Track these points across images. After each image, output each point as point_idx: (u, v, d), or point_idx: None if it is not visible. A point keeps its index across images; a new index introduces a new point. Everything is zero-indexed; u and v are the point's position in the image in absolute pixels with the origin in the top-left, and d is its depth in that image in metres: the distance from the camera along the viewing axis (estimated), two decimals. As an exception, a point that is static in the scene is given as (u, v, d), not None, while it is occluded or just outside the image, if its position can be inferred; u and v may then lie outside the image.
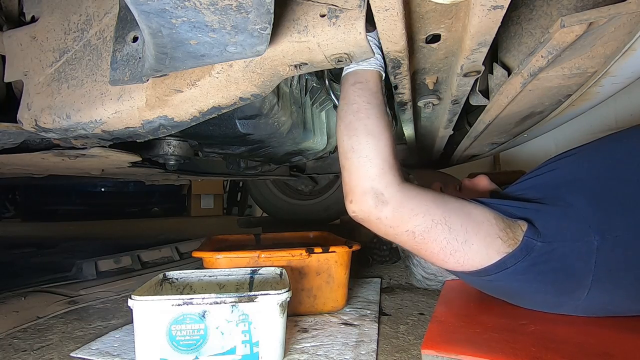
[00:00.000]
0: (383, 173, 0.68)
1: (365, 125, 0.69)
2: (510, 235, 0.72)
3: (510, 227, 0.73)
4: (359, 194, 0.69)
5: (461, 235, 0.71)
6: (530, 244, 0.71)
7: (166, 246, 2.03)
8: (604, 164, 0.80)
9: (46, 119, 0.68)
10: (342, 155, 0.72)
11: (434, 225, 0.70)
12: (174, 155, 1.00)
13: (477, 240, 0.71)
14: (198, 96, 0.62)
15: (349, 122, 0.71)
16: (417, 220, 0.69)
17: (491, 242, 0.71)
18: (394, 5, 0.49)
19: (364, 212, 0.70)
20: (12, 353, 0.89)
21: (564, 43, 0.57)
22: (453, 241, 0.71)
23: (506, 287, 0.79)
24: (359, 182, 0.69)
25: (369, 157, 0.68)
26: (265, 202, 2.66)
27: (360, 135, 0.69)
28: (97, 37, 0.66)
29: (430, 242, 0.71)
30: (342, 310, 1.11)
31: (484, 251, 0.71)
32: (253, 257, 1.03)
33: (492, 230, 0.72)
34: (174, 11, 0.41)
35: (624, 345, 0.68)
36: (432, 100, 0.90)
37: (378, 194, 0.68)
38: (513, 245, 0.71)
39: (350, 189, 0.70)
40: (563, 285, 0.74)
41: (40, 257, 2.14)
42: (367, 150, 0.68)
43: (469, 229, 0.71)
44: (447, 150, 1.55)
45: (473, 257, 0.72)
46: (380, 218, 0.69)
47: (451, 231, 0.70)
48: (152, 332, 0.74)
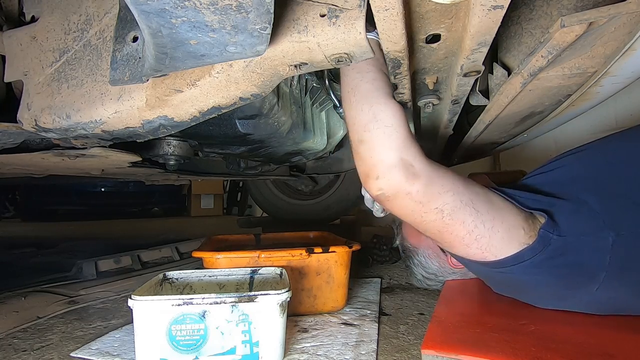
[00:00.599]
0: (410, 143, 0.63)
1: (387, 94, 0.64)
2: (531, 227, 0.70)
3: (531, 218, 0.71)
4: (386, 167, 0.63)
5: (488, 221, 0.68)
6: (547, 237, 0.70)
7: (166, 246, 2.03)
8: (614, 163, 0.79)
9: (46, 119, 0.68)
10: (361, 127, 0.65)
11: (462, 206, 0.66)
12: (174, 155, 1.00)
13: (502, 228, 0.69)
14: (198, 96, 0.62)
15: (366, 90, 0.65)
16: (447, 197, 0.66)
17: (515, 232, 0.69)
18: (394, 5, 0.49)
19: (392, 187, 0.63)
20: (12, 353, 0.89)
21: (564, 43, 0.57)
22: (480, 225, 0.68)
23: (517, 280, 0.77)
24: (386, 154, 0.63)
25: (394, 126, 0.63)
26: (265, 202, 2.65)
27: (382, 102, 0.64)
28: (97, 37, 0.66)
29: (458, 223, 0.67)
30: (342, 310, 1.11)
31: (507, 240, 0.69)
32: (253, 257, 1.03)
33: (516, 220, 0.70)
34: (174, 11, 0.41)
35: (625, 345, 0.68)
36: (432, 100, 0.90)
37: (408, 166, 0.63)
38: (533, 237, 0.70)
39: (375, 164, 0.64)
40: (575, 280, 0.73)
41: (40, 257, 2.14)
42: (391, 119, 0.63)
43: (496, 216, 0.69)
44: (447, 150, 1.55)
45: (496, 245, 0.69)
46: (410, 193, 0.64)
47: (479, 215, 0.68)
48: (152, 332, 0.74)
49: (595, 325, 0.75)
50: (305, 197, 2.59)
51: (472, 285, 1.03)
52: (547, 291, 0.78)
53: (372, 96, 0.64)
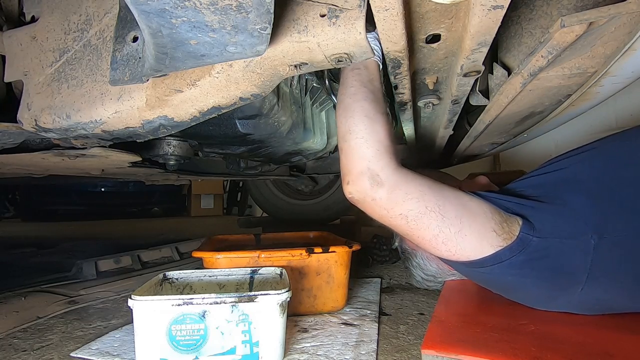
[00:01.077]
0: (379, 155, 0.69)
1: (361, 107, 0.70)
2: (505, 230, 0.72)
3: (507, 222, 0.73)
4: (355, 175, 0.70)
5: (455, 225, 0.71)
6: (526, 239, 0.72)
7: (166, 246, 2.03)
8: (606, 165, 0.80)
9: (46, 119, 0.68)
10: (340, 138, 0.73)
11: (427, 212, 0.71)
12: (174, 155, 1.00)
13: (471, 231, 0.72)
14: (198, 96, 0.62)
15: (346, 104, 0.72)
16: (411, 204, 0.70)
17: (485, 235, 0.72)
18: (394, 5, 0.49)
19: (359, 193, 0.70)
20: (12, 353, 0.89)
21: (564, 43, 0.57)
22: (446, 229, 0.71)
23: (501, 281, 0.79)
24: (355, 164, 0.70)
25: (364, 138, 0.69)
26: (265, 202, 2.65)
27: (356, 117, 0.70)
28: (97, 37, 0.66)
29: (422, 228, 0.72)
30: (342, 310, 1.11)
31: (477, 243, 0.72)
32: (253, 257, 1.03)
33: (488, 223, 0.72)
34: (174, 11, 0.41)
35: (624, 345, 0.68)
36: (432, 100, 0.90)
37: (374, 175, 0.69)
38: (508, 240, 0.72)
39: (348, 171, 0.71)
40: (557, 281, 0.75)
41: (40, 257, 2.14)
42: (363, 132, 0.69)
43: (464, 220, 0.72)
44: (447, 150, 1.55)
45: (465, 248, 0.72)
46: (375, 199, 0.70)
47: (444, 220, 0.71)
48: (152, 332, 0.74)
49: (595, 325, 0.75)
50: (305, 197, 2.59)
51: (472, 285, 1.03)
52: (533, 292, 0.80)
53: (350, 109, 0.71)
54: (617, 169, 0.78)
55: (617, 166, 0.79)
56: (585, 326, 0.75)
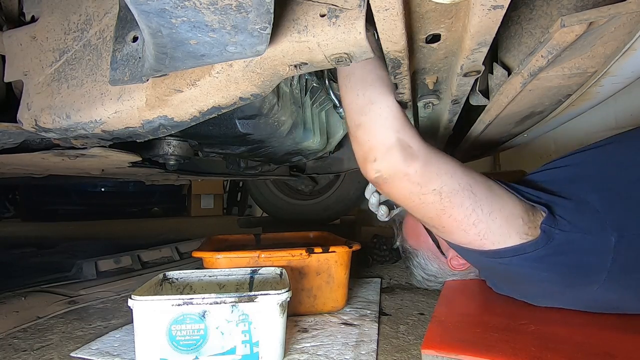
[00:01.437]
0: (408, 125, 0.64)
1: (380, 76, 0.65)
2: (531, 219, 0.69)
3: (531, 211, 0.70)
4: (384, 149, 0.63)
5: (486, 206, 0.67)
6: (550, 232, 0.69)
7: (166, 246, 2.03)
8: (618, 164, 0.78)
9: (46, 118, 0.68)
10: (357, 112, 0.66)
11: (460, 189, 0.66)
12: (174, 155, 1.00)
13: (501, 215, 0.68)
14: (198, 96, 0.62)
15: (360, 75, 0.66)
16: (445, 179, 0.65)
17: (513, 221, 0.68)
18: (394, 5, 0.49)
19: (390, 169, 0.64)
20: (12, 353, 0.89)
21: (564, 43, 0.57)
22: (478, 210, 0.67)
23: (516, 272, 0.76)
24: (383, 135, 0.63)
25: (390, 107, 0.64)
26: (265, 202, 2.65)
27: (377, 85, 0.64)
28: (97, 37, 0.66)
29: (456, 206, 0.67)
30: (342, 310, 1.11)
31: (505, 229, 0.68)
32: (253, 257, 1.03)
33: (515, 209, 0.69)
34: (174, 11, 0.41)
35: (625, 345, 0.68)
36: (432, 100, 0.90)
37: (405, 147, 0.63)
38: (532, 229, 0.69)
39: (373, 146, 0.64)
40: (574, 278, 0.72)
41: (40, 257, 2.14)
42: (388, 101, 0.64)
43: (494, 203, 0.68)
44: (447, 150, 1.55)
45: (494, 232, 0.69)
46: (408, 174, 0.64)
47: (477, 200, 0.67)
48: (152, 332, 0.74)
49: (595, 325, 0.75)
50: (305, 197, 2.59)
51: (472, 285, 1.03)
52: (545, 287, 0.78)
53: (366, 79, 0.65)
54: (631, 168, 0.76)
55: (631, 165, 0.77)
56: (585, 326, 0.75)
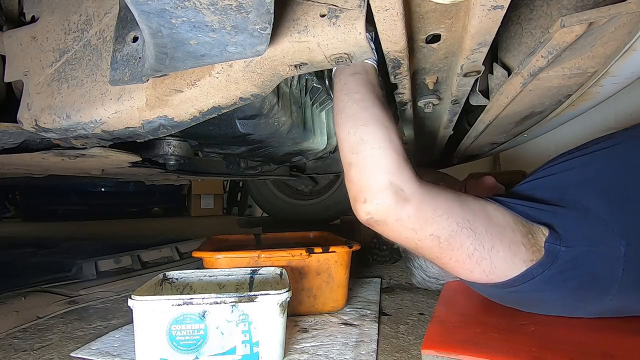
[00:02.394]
0: (401, 166, 0.60)
1: (373, 114, 0.62)
2: (532, 242, 0.67)
3: (532, 233, 0.67)
4: (375, 191, 0.60)
5: (487, 242, 0.64)
6: (555, 250, 0.66)
7: (166, 246, 2.03)
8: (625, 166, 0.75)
9: (46, 119, 0.68)
10: (349, 150, 0.63)
11: (459, 229, 0.63)
12: (174, 155, 1.00)
13: (503, 247, 0.65)
14: (198, 96, 0.62)
15: (353, 112, 0.63)
16: (442, 222, 0.62)
17: (516, 250, 0.65)
18: (394, 5, 0.49)
19: (381, 213, 0.60)
20: (12, 353, 0.89)
21: (564, 43, 0.58)
22: (480, 247, 0.64)
23: (528, 297, 0.73)
24: (373, 178, 0.60)
25: (382, 148, 0.60)
26: (265, 202, 2.65)
27: (369, 125, 0.62)
28: (97, 37, 0.66)
29: (456, 248, 0.64)
30: (342, 310, 1.11)
31: (510, 260, 0.65)
32: (253, 257, 1.03)
33: (515, 236, 0.66)
34: (174, 11, 0.41)
35: (625, 345, 0.68)
36: (432, 100, 0.90)
37: (398, 190, 0.60)
38: (536, 252, 0.66)
39: (363, 187, 0.61)
40: (587, 293, 0.70)
41: (40, 257, 2.14)
42: (379, 141, 0.61)
43: (494, 234, 0.65)
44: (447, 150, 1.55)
45: (499, 266, 0.66)
46: (401, 219, 0.61)
47: (477, 236, 0.64)
48: (152, 332, 0.74)
49: (596, 325, 0.75)
50: (305, 197, 2.59)
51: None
52: (558, 304, 0.75)
53: (359, 118, 0.63)
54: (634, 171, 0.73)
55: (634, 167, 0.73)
56: (585, 326, 0.75)
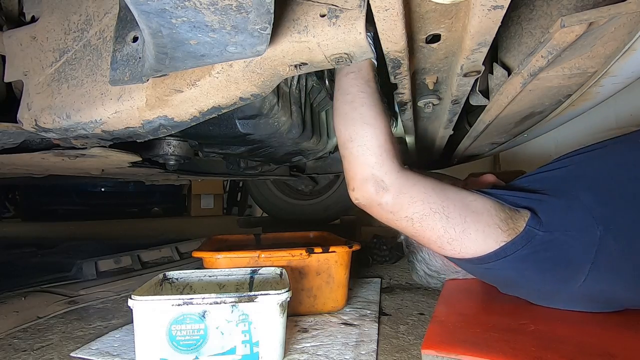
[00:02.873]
0: (381, 160, 0.71)
1: (360, 115, 0.71)
2: (511, 226, 0.73)
3: (512, 218, 0.74)
4: (359, 182, 0.71)
5: (459, 225, 0.73)
6: (532, 233, 0.73)
7: (166, 246, 2.03)
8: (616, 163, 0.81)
9: (46, 119, 0.68)
10: (341, 145, 0.74)
11: (431, 214, 0.72)
12: (174, 155, 1.00)
13: (475, 230, 0.73)
14: (198, 96, 0.62)
15: (344, 112, 0.73)
16: (416, 207, 0.72)
17: (490, 232, 0.73)
18: (394, 5, 0.49)
19: (365, 199, 0.72)
20: (12, 353, 0.89)
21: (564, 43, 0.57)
22: (450, 230, 0.73)
23: (503, 276, 0.80)
24: (358, 171, 0.71)
25: (366, 145, 0.70)
26: (265, 202, 2.65)
27: (356, 124, 0.71)
28: (97, 37, 0.66)
29: (428, 230, 0.73)
30: (342, 310, 1.11)
31: (482, 241, 0.73)
32: (253, 257, 1.03)
33: (492, 220, 0.73)
34: (174, 11, 0.41)
35: (625, 344, 0.68)
36: (432, 100, 0.90)
37: (378, 181, 0.70)
38: (513, 235, 0.73)
39: (352, 177, 0.73)
40: (559, 273, 0.75)
41: (40, 257, 2.14)
42: (364, 139, 0.70)
43: (467, 219, 0.73)
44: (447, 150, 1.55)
45: (469, 246, 0.74)
46: (381, 204, 0.72)
47: (449, 220, 0.72)
48: (152, 332, 0.74)
49: (596, 325, 0.75)
50: (305, 197, 2.59)
51: (472, 285, 1.03)
52: (535, 286, 0.81)
53: (349, 118, 0.72)
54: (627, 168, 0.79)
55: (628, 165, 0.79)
56: (585, 326, 0.75)
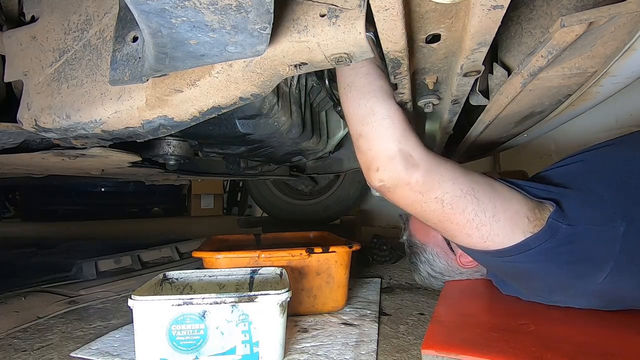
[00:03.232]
0: (408, 134, 0.65)
1: (381, 87, 0.66)
2: (537, 216, 0.70)
3: (538, 208, 0.71)
4: (385, 159, 0.65)
5: (489, 210, 0.68)
6: (555, 226, 0.69)
7: (166, 246, 2.03)
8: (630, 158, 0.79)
9: (46, 118, 0.68)
10: (359, 121, 0.67)
11: (462, 195, 0.67)
12: (174, 155, 1.00)
13: (505, 217, 0.69)
14: (198, 96, 0.62)
15: (361, 85, 0.67)
16: (447, 186, 0.66)
17: (518, 221, 0.69)
18: (394, 5, 0.49)
19: (392, 179, 0.65)
20: (12, 353, 0.89)
21: (564, 43, 0.57)
22: (481, 214, 0.68)
23: (523, 269, 0.76)
24: (385, 146, 0.65)
25: (391, 118, 0.65)
26: (265, 202, 2.65)
27: (378, 96, 0.66)
28: (97, 37, 0.66)
29: (458, 212, 0.68)
30: (342, 310, 1.11)
31: (510, 229, 0.69)
32: (253, 257, 1.03)
33: (521, 208, 0.70)
34: (174, 11, 0.41)
35: (626, 344, 0.68)
36: (432, 100, 0.90)
37: (407, 156, 0.64)
38: (539, 226, 0.69)
39: (374, 156, 0.66)
40: (582, 269, 0.72)
41: (40, 257, 2.14)
42: (389, 110, 0.65)
43: (497, 205, 0.69)
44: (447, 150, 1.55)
45: (498, 234, 0.69)
46: (410, 183, 0.66)
47: (479, 203, 0.68)
48: (152, 332, 0.74)
49: (596, 325, 0.75)
50: (305, 197, 2.59)
51: (472, 285, 1.03)
52: (553, 281, 0.77)
53: (368, 90, 0.66)
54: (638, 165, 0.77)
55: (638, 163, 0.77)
56: (586, 326, 0.75)
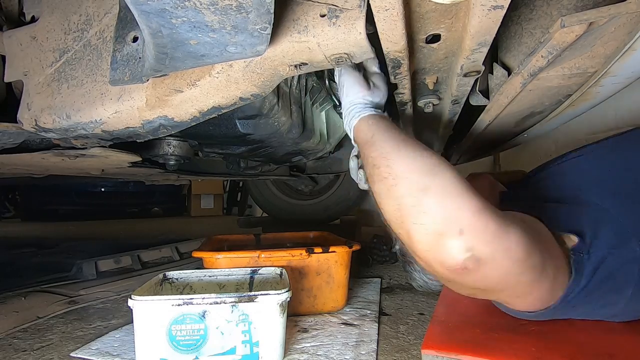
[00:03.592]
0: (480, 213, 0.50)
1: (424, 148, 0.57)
2: (565, 261, 0.62)
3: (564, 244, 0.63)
4: (473, 213, 0.49)
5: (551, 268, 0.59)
6: (580, 262, 0.62)
7: (166, 246, 2.03)
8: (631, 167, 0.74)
9: (46, 119, 0.68)
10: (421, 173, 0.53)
11: (542, 253, 0.55)
12: (174, 155, 1.00)
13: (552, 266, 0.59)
14: (198, 96, 0.62)
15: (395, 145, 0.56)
16: (538, 248, 0.55)
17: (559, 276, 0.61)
18: (394, 5, 0.49)
19: (487, 243, 0.50)
20: (12, 353, 0.89)
21: (564, 43, 0.57)
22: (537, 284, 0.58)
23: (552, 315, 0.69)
24: (468, 199, 0.51)
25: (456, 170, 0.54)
26: (265, 202, 2.65)
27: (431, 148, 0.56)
28: (97, 37, 0.66)
29: (543, 276, 0.58)
30: (342, 310, 1.11)
31: (553, 282, 0.60)
32: (253, 257, 1.03)
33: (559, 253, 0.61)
34: (174, 11, 0.41)
35: (625, 345, 0.68)
36: (432, 100, 0.90)
37: (496, 209, 0.51)
38: (567, 273, 0.62)
39: (455, 214, 0.50)
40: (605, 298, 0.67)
41: (40, 257, 2.14)
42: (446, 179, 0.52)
43: (547, 263, 0.57)
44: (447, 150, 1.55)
45: (547, 289, 0.60)
46: (509, 248, 0.51)
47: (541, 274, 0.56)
48: (152, 332, 0.74)
49: (596, 326, 0.75)
50: (305, 197, 2.59)
51: (472, 285, 1.02)
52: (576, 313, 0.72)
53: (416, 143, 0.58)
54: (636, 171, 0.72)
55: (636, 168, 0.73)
56: (585, 326, 0.75)
